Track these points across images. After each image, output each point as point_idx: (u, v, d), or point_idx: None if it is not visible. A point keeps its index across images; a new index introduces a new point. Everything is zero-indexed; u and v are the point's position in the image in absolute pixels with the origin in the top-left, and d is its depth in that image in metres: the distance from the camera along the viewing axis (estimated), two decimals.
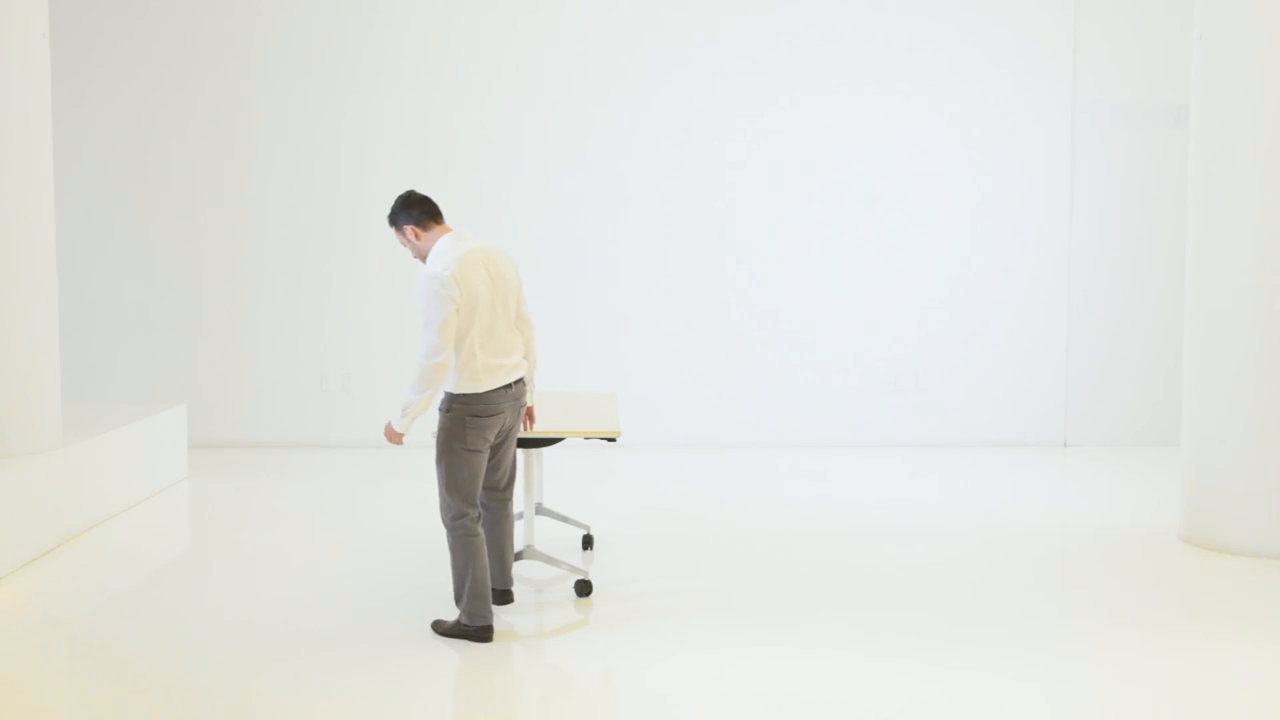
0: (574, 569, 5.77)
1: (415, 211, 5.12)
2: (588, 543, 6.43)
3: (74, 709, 4.50)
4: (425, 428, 5.47)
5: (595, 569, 6.03)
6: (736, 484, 8.23)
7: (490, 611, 5.04)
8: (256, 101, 9.45)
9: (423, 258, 5.07)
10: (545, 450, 6.37)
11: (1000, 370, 9.56)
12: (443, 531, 5.24)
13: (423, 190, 9.86)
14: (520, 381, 5.09)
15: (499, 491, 5.34)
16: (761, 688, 4.55)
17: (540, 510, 6.36)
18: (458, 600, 5.06)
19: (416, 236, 5.10)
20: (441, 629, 5.10)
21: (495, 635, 5.04)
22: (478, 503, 5.10)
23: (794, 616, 5.36)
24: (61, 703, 4.58)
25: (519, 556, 5.77)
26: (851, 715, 4.30)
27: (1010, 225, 9.54)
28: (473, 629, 5.01)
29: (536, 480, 6.21)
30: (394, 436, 5.02)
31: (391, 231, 5.21)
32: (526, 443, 5.62)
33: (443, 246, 5.02)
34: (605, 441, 6.83)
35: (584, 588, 5.59)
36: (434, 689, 4.56)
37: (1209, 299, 6.41)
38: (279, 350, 9.54)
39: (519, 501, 6.83)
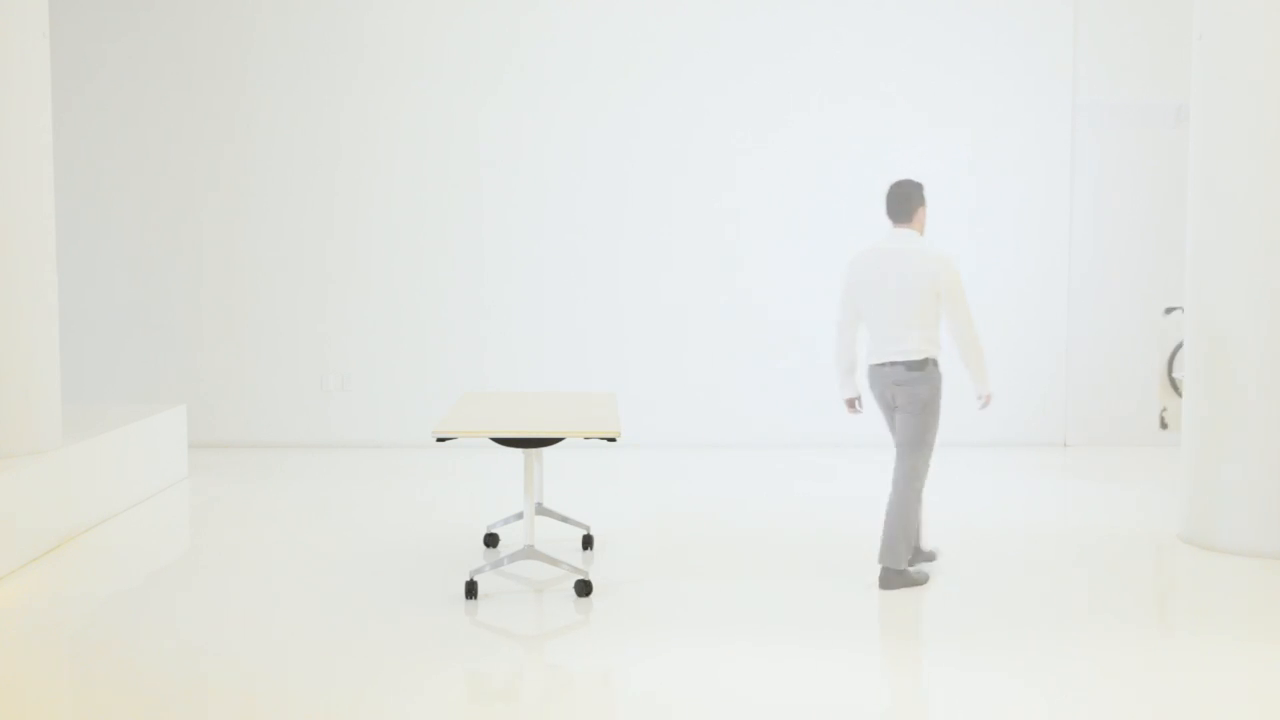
0: (574, 569, 5.77)
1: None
2: (588, 543, 6.43)
3: (74, 709, 4.50)
4: (425, 428, 5.46)
5: (595, 569, 6.03)
6: (736, 484, 8.23)
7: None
8: (256, 102, 9.46)
9: None
10: (545, 450, 6.38)
11: (1000, 370, 9.55)
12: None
13: (426, 192, 9.95)
14: (892, 365, 5.71)
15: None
16: (761, 687, 4.55)
17: (540, 510, 6.36)
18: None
19: None
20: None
21: (495, 635, 5.05)
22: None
23: (793, 616, 5.36)
24: (61, 703, 4.58)
25: (516, 557, 5.77)
26: (851, 715, 4.30)
27: (1010, 225, 9.55)
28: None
29: (536, 480, 6.21)
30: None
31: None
32: (527, 443, 5.62)
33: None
34: (605, 441, 6.83)
35: (584, 588, 5.59)
36: (435, 689, 4.56)
37: (1209, 299, 6.41)
38: (279, 350, 9.55)
39: (518, 502, 6.83)
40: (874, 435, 9.57)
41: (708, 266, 9.53)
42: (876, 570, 5.80)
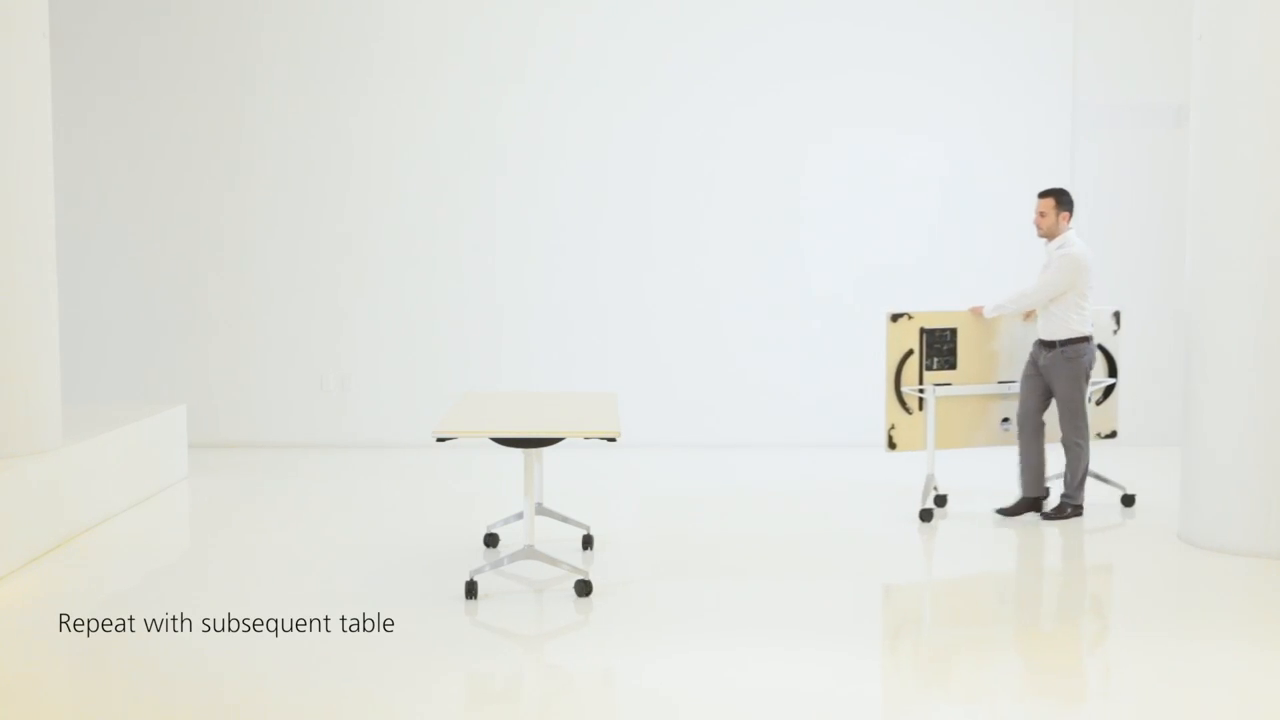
0: (574, 569, 5.77)
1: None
2: (588, 543, 6.43)
3: (74, 708, 4.51)
4: (425, 428, 5.46)
5: (595, 569, 6.03)
6: (735, 484, 8.23)
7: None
8: (260, 103, 9.45)
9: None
10: (545, 450, 6.37)
11: None
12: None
13: (429, 192, 9.96)
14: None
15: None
16: (760, 686, 4.55)
17: (540, 510, 6.36)
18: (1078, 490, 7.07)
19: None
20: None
21: (495, 635, 5.06)
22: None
23: (793, 616, 5.36)
24: (62, 702, 4.58)
25: (516, 557, 5.78)
26: (850, 714, 4.30)
27: (1010, 225, 9.54)
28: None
29: (536, 480, 6.21)
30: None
31: (1041, 201, 7.03)
32: (527, 443, 5.62)
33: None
34: (605, 441, 6.84)
35: (584, 588, 5.59)
36: (435, 689, 4.57)
37: (1208, 298, 6.41)
38: (279, 350, 9.54)
39: (518, 502, 6.84)
40: (874, 436, 9.58)
41: (709, 268, 9.53)
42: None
